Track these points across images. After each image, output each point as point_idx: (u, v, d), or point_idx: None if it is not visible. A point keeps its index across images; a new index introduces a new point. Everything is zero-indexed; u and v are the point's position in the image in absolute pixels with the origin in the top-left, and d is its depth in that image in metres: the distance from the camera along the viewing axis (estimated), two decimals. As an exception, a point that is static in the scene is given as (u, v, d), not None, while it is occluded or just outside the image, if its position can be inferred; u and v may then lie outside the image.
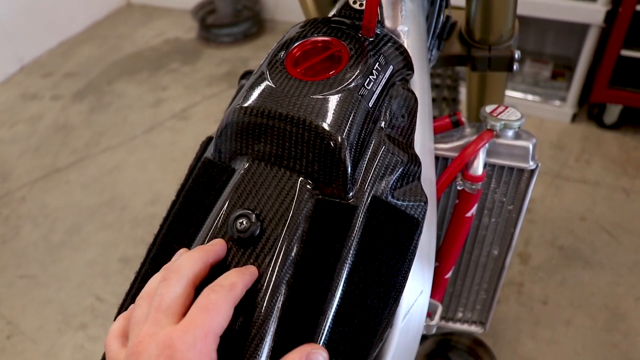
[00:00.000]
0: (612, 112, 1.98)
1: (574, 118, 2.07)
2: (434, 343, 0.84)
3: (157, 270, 0.44)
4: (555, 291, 1.50)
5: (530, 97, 2.11)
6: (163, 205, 1.88)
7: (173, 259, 0.41)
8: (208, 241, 0.42)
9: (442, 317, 0.64)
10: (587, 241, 1.63)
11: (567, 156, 1.93)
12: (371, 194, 0.42)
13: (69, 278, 1.67)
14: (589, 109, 2.07)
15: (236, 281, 0.38)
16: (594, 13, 1.77)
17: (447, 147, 0.60)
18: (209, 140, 0.52)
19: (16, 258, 1.74)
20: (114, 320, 0.41)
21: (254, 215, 0.41)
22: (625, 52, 1.80)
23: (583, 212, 1.73)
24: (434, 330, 0.58)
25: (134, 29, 3.08)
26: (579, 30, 2.00)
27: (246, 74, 0.60)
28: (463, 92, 1.85)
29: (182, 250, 0.42)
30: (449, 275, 0.68)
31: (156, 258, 0.44)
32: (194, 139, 2.18)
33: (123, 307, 0.45)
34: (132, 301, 0.44)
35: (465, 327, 0.79)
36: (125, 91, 2.52)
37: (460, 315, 0.79)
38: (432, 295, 0.55)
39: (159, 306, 0.36)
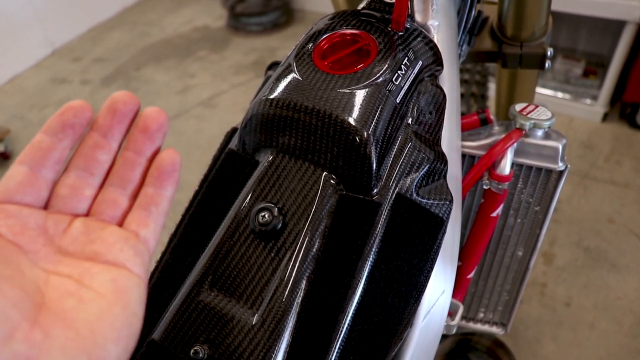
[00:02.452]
0: (646, 112, 1.93)
1: (605, 117, 2.03)
2: (454, 343, 0.83)
3: (178, 259, 0.44)
4: (579, 293, 1.47)
5: (560, 94, 2.07)
6: (187, 192, 1.88)
7: None
8: (229, 234, 0.41)
9: (463, 317, 0.63)
10: (614, 244, 1.60)
11: (596, 156, 1.89)
12: (396, 191, 0.42)
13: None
14: (621, 109, 2.02)
15: None
16: (632, 9, 1.72)
17: (475, 145, 0.59)
18: (233, 131, 0.51)
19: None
20: None
21: (276, 208, 0.40)
22: (662, 51, 1.76)
23: (611, 213, 1.69)
24: (454, 331, 0.57)
25: (163, 16, 3.10)
26: (614, 27, 1.95)
27: (273, 65, 0.59)
28: (492, 88, 1.83)
29: None
30: (471, 275, 0.67)
31: (177, 248, 0.44)
32: (220, 127, 2.19)
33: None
34: (154, 290, 0.44)
35: (486, 327, 0.78)
36: (153, 77, 2.54)
37: (481, 315, 0.77)
38: (453, 295, 0.54)
39: None
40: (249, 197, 0.42)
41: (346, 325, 0.39)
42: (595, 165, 1.86)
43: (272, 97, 0.43)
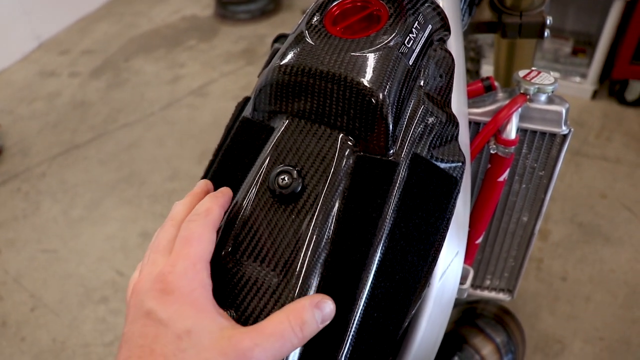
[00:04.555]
0: (634, 89, 1.95)
1: (595, 95, 2.05)
2: (460, 312, 0.85)
3: None
4: (574, 267, 1.49)
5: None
6: (181, 180, 1.89)
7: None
8: (249, 198, 0.42)
9: (470, 285, 0.64)
10: (608, 218, 1.62)
11: (587, 133, 1.91)
12: (412, 151, 0.42)
13: (89, 252, 1.69)
14: (610, 86, 2.05)
15: (211, 206, 0.40)
16: (618, -13, 1.74)
17: (480, 112, 0.60)
18: (245, 100, 0.52)
19: (37, 233, 1.77)
20: None
21: (295, 171, 0.41)
22: (650, 27, 1.78)
23: (603, 189, 1.71)
24: (465, 295, 0.58)
25: (150, 7, 3.07)
26: (602, 5, 1.96)
27: (280, 37, 0.60)
28: (484, 67, 1.84)
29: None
30: (479, 240, 0.68)
31: None
32: (212, 115, 2.18)
33: None
34: None
35: (493, 294, 0.79)
36: (143, 68, 2.52)
37: (488, 282, 0.79)
38: (463, 260, 0.55)
39: (156, 248, 0.39)
40: (267, 161, 0.42)
41: (369, 282, 0.39)
42: (587, 142, 1.88)
43: (286, 63, 0.43)
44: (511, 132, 0.58)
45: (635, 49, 1.83)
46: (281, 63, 0.44)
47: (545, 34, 0.73)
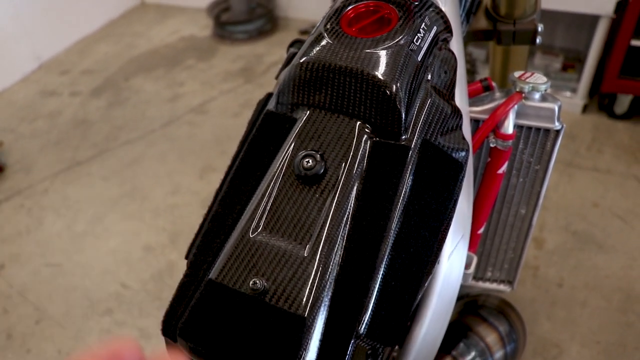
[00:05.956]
0: (623, 102, 2.01)
1: (585, 109, 2.11)
2: (462, 305, 0.88)
3: (226, 209, 0.48)
4: (570, 274, 1.53)
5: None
6: (183, 195, 1.93)
7: None
8: (276, 180, 0.46)
9: (472, 278, 0.68)
10: (600, 226, 1.67)
11: (578, 145, 1.97)
12: (422, 138, 0.47)
13: (93, 266, 1.71)
14: (600, 100, 2.11)
15: None
16: (605, 4, 1.81)
17: (479, 110, 0.65)
18: (267, 97, 0.56)
19: (41, 247, 1.79)
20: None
21: (318, 155, 0.45)
22: (636, 42, 1.84)
23: (595, 199, 1.76)
24: (469, 280, 0.62)
25: (149, 27, 3.14)
26: (589, 22, 2.04)
27: (295, 42, 0.65)
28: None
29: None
30: (481, 230, 0.72)
31: (225, 199, 0.49)
32: (212, 132, 2.23)
33: (193, 246, 0.50)
34: (202, 240, 0.48)
35: (494, 286, 0.83)
36: (143, 87, 2.57)
37: (489, 274, 0.83)
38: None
39: None
40: (292, 147, 0.47)
41: (387, 254, 0.44)
42: (578, 154, 1.93)
43: (308, 59, 0.48)
44: (509, 127, 0.63)
45: (623, 64, 1.90)
46: (303, 60, 0.48)
47: (538, 40, 0.78)
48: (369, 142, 0.46)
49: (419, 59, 0.49)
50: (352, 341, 0.41)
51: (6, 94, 2.63)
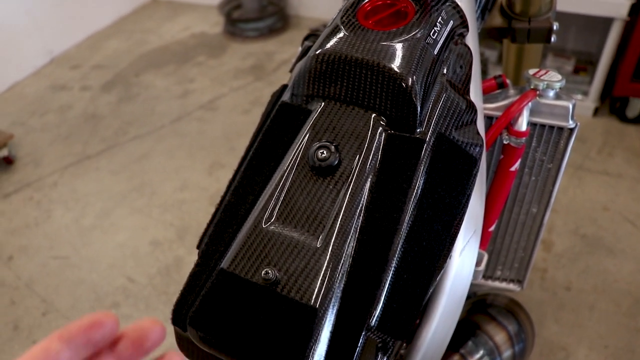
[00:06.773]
0: (635, 106, 2.00)
1: (596, 112, 2.10)
2: (471, 304, 0.88)
3: (239, 199, 0.48)
4: (578, 277, 1.52)
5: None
6: (191, 191, 1.93)
7: None
8: (290, 171, 0.46)
9: (482, 275, 0.68)
10: (610, 230, 1.65)
11: (589, 149, 1.95)
12: (437, 131, 0.46)
13: (100, 260, 1.72)
14: (611, 103, 2.09)
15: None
16: (619, 7, 1.80)
17: (494, 107, 0.64)
18: (282, 88, 0.56)
19: (49, 240, 1.80)
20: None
21: (333, 146, 0.45)
22: (649, 46, 1.83)
23: (606, 202, 1.75)
24: (480, 277, 0.61)
25: (160, 24, 3.14)
26: (602, 24, 2.02)
27: (310, 35, 0.65)
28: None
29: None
30: (492, 228, 0.72)
31: (238, 189, 0.48)
32: (222, 128, 2.23)
33: (205, 235, 0.49)
34: (214, 229, 0.47)
35: (503, 285, 0.83)
36: (153, 83, 2.58)
37: (499, 273, 0.82)
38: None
39: None
40: (307, 138, 0.47)
41: (400, 246, 0.43)
42: (589, 157, 1.92)
43: (324, 51, 0.48)
44: (522, 124, 0.62)
45: (635, 67, 1.88)
46: (319, 52, 0.48)
47: (553, 38, 0.77)
48: (383, 134, 0.46)
49: (435, 52, 0.48)
50: (363, 333, 0.41)
51: (17, 88, 2.64)
